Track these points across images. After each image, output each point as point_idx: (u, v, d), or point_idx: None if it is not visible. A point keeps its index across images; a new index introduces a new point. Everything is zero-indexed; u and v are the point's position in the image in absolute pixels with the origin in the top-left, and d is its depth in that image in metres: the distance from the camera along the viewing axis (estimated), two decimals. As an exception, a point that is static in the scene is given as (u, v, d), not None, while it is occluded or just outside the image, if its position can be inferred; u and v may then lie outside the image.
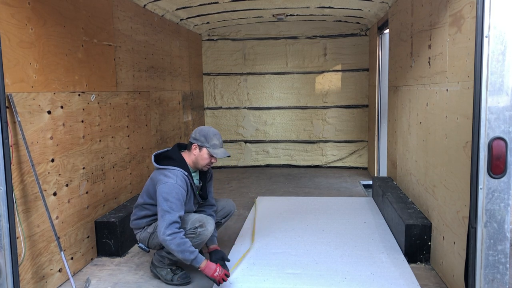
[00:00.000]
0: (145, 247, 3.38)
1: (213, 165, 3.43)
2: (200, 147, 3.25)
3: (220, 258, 3.33)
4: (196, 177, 3.44)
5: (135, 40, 4.86)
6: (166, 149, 3.46)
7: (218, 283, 3.06)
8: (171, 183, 3.09)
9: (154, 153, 3.37)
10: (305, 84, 7.77)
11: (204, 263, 3.05)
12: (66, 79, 3.45)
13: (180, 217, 3.05)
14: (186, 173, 3.21)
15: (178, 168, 3.19)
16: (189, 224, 3.18)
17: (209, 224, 3.22)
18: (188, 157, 3.32)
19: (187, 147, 3.39)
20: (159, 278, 3.39)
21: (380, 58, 6.48)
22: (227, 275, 3.11)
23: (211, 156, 3.25)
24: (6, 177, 2.53)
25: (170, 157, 3.30)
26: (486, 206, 2.49)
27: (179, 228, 3.03)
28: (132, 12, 4.81)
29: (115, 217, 3.93)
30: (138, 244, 3.44)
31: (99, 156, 3.95)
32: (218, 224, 3.70)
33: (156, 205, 3.17)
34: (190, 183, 3.26)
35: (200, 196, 3.46)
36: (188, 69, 6.90)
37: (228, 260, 3.40)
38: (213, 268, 3.05)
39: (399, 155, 4.95)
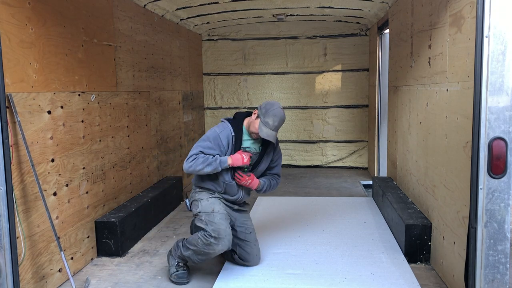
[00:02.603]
0: (188, 206, 3.55)
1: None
2: (258, 116, 3.35)
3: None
4: (252, 143, 3.46)
5: (135, 40, 4.86)
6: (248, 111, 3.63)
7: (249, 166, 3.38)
8: (213, 130, 3.38)
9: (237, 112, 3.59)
10: (305, 84, 7.77)
11: (230, 160, 3.29)
12: (66, 79, 3.45)
13: (203, 147, 3.27)
14: (233, 133, 3.37)
15: (228, 125, 3.40)
16: (209, 227, 3.19)
17: (224, 242, 3.18)
18: (248, 119, 3.46)
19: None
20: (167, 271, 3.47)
21: (380, 58, 6.48)
22: (246, 156, 3.34)
23: (258, 129, 3.31)
24: (6, 177, 2.53)
25: (235, 116, 3.52)
26: (486, 206, 2.49)
27: (198, 154, 3.25)
28: (132, 12, 4.81)
29: (115, 217, 3.93)
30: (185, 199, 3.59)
31: (99, 156, 3.95)
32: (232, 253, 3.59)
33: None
34: (234, 143, 3.36)
35: (253, 165, 3.47)
36: (188, 69, 6.90)
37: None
38: (239, 158, 3.30)
39: (399, 155, 4.95)
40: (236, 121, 3.45)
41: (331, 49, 7.61)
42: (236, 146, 3.37)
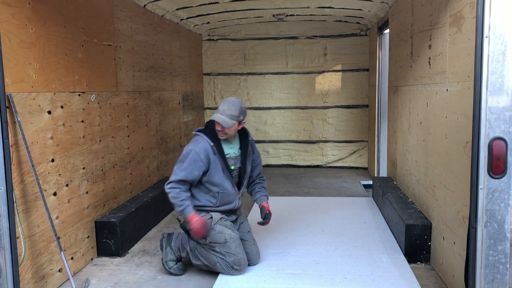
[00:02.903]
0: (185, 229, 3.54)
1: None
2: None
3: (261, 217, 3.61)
4: (231, 148, 3.45)
5: (135, 40, 4.86)
6: None
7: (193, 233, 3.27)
8: (188, 149, 3.30)
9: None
10: (305, 84, 7.77)
11: (190, 216, 3.24)
12: (66, 79, 3.45)
13: (182, 180, 3.25)
14: (212, 143, 3.31)
15: (203, 136, 3.34)
16: (228, 258, 3.29)
17: (244, 269, 3.39)
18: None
19: None
20: (162, 267, 3.53)
21: (380, 58, 6.48)
22: (205, 231, 3.25)
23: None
24: (6, 177, 2.53)
25: (206, 125, 3.47)
26: (486, 206, 2.49)
27: (175, 188, 3.25)
28: (132, 12, 4.81)
29: (115, 217, 3.93)
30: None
31: (99, 156, 3.95)
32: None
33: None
34: (216, 152, 3.31)
35: (240, 170, 3.50)
36: (188, 69, 6.90)
37: (261, 223, 3.59)
38: (194, 218, 3.23)
39: (399, 155, 4.95)
40: (210, 130, 3.39)
41: (331, 49, 7.61)
42: (220, 154, 3.34)
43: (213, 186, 3.36)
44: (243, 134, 3.55)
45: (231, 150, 3.45)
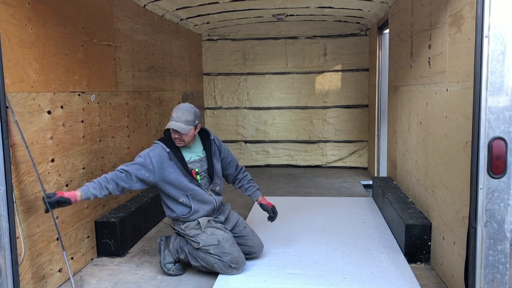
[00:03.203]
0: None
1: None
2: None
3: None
4: (190, 151, 3.45)
5: (135, 40, 4.86)
6: None
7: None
8: (145, 152, 3.34)
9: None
10: (305, 84, 7.77)
11: (69, 193, 3.02)
12: (66, 79, 3.45)
13: (125, 170, 3.21)
14: (168, 149, 3.32)
15: (160, 143, 3.36)
16: (225, 258, 3.31)
17: (243, 267, 3.41)
18: None
19: None
20: (160, 267, 3.56)
21: (380, 58, 6.48)
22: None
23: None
24: (6, 177, 2.53)
25: (164, 134, 3.49)
26: (486, 206, 2.49)
27: (116, 172, 3.22)
28: (132, 12, 4.81)
29: (115, 217, 3.93)
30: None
31: (99, 156, 3.95)
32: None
33: (164, 191, 3.40)
34: (173, 157, 3.31)
35: (208, 170, 3.49)
36: (188, 69, 6.90)
37: (271, 219, 3.78)
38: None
39: (399, 155, 4.95)
40: (167, 138, 3.41)
41: (331, 49, 7.61)
42: (179, 159, 3.33)
43: (179, 191, 3.34)
44: (204, 135, 3.56)
45: (193, 154, 3.45)
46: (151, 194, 4.78)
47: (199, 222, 3.39)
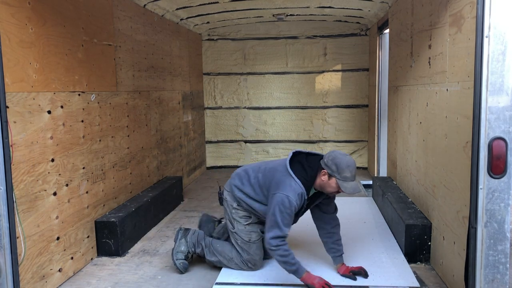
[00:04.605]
0: (221, 199, 3.50)
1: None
2: (330, 176, 3.03)
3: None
4: (312, 193, 3.22)
5: (135, 40, 4.86)
6: (308, 151, 3.27)
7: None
8: (290, 199, 3.00)
9: (296, 150, 3.26)
10: (305, 84, 7.77)
11: (305, 275, 3.06)
12: (66, 79, 3.45)
13: (287, 231, 3.04)
14: (306, 196, 3.07)
15: (302, 187, 3.05)
16: (244, 255, 3.36)
17: (257, 268, 3.43)
18: (318, 177, 3.10)
19: (318, 163, 3.14)
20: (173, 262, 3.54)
21: (380, 58, 6.48)
22: (329, 285, 3.04)
23: (339, 187, 3.02)
24: (6, 177, 2.53)
25: (304, 167, 3.13)
26: (486, 206, 2.49)
27: (284, 241, 3.03)
28: (132, 12, 4.81)
29: (115, 217, 3.93)
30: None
31: (99, 156, 3.95)
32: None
33: (255, 200, 3.27)
34: (303, 205, 3.12)
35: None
36: (188, 69, 6.90)
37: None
38: (313, 276, 3.06)
39: (399, 155, 4.95)
40: (309, 182, 3.09)
41: (331, 49, 7.61)
42: (304, 205, 3.14)
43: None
44: None
45: (311, 193, 3.22)
46: (151, 194, 4.78)
47: (250, 217, 3.38)
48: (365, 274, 3.28)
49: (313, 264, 3.55)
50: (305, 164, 3.15)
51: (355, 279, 3.24)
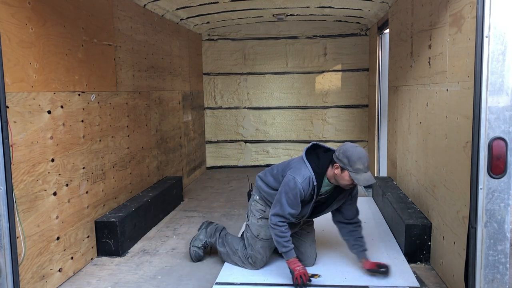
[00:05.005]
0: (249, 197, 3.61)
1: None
2: (342, 169, 3.02)
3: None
4: (329, 185, 3.20)
5: (135, 40, 4.86)
6: (326, 146, 3.33)
7: (295, 279, 3.10)
8: (296, 181, 3.08)
9: (315, 143, 3.32)
10: (305, 84, 7.77)
11: (292, 259, 3.18)
12: (66, 79, 3.45)
13: (290, 214, 3.12)
14: (315, 183, 3.09)
15: (312, 173, 3.10)
16: (248, 251, 3.43)
17: (257, 267, 3.46)
18: (330, 170, 3.12)
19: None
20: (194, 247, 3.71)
21: (380, 58, 6.47)
22: (309, 280, 3.09)
23: (352, 180, 3.01)
24: (6, 177, 2.53)
25: (318, 157, 3.20)
26: (486, 206, 2.49)
27: (284, 222, 3.15)
28: (132, 12, 4.81)
29: (115, 217, 3.93)
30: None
31: (99, 156, 3.95)
32: None
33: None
34: (313, 193, 3.12)
35: (324, 204, 3.29)
36: (188, 69, 6.90)
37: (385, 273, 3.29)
38: (297, 264, 3.17)
39: (399, 155, 4.95)
40: (320, 169, 3.13)
41: (331, 49, 7.61)
42: (315, 194, 3.14)
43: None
44: None
45: (328, 187, 3.22)
46: (151, 194, 4.78)
47: (265, 211, 3.40)
48: (386, 271, 3.27)
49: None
50: (321, 155, 3.24)
51: (383, 272, 3.25)
